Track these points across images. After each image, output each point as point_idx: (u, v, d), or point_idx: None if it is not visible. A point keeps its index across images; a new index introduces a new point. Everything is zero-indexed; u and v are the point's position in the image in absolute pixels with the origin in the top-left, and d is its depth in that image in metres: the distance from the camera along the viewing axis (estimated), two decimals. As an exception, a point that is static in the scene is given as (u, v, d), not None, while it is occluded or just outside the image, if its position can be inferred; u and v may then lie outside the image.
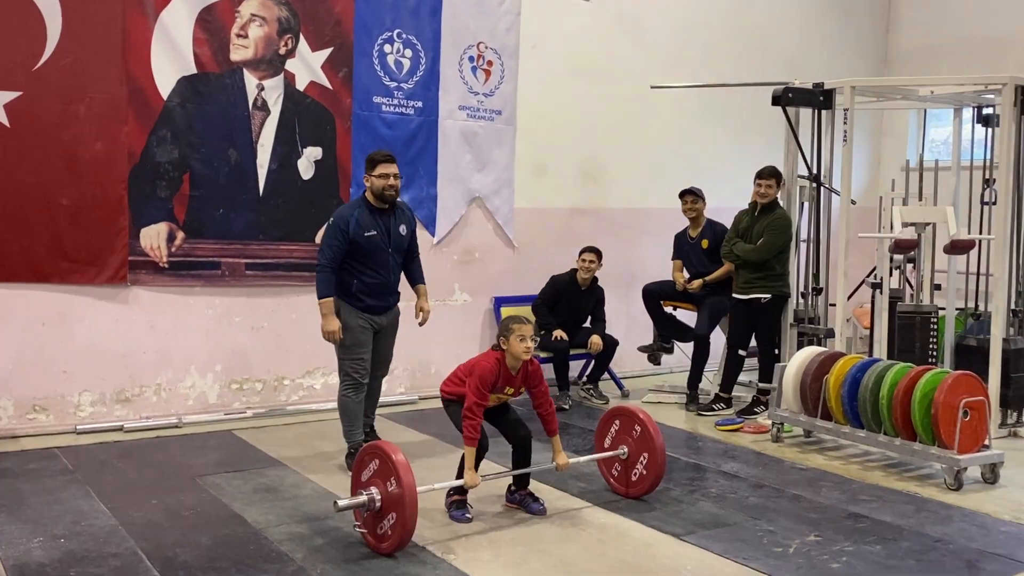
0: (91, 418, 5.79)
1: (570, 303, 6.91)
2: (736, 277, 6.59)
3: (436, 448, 5.49)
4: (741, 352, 6.58)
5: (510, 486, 4.49)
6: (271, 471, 5.03)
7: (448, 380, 4.43)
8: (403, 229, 5.11)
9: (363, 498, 3.87)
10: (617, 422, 4.73)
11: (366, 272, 4.98)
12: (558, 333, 6.69)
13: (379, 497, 3.85)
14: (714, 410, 6.58)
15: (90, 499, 4.47)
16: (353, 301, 5.00)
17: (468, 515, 4.26)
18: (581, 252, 6.90)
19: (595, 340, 6.74)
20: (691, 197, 6.97)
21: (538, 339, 4.46)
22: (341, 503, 3.91)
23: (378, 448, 3.93)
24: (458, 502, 4.32)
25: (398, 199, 5.06)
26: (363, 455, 4.02)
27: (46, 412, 5.68)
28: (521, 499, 4.43)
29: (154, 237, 5.92)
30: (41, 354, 5.65)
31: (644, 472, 4.56)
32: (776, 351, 6.57)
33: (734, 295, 6.59)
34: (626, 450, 4.64)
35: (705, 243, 6.95)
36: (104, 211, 5.74)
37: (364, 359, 5.06)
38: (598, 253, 6.89)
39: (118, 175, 5.77)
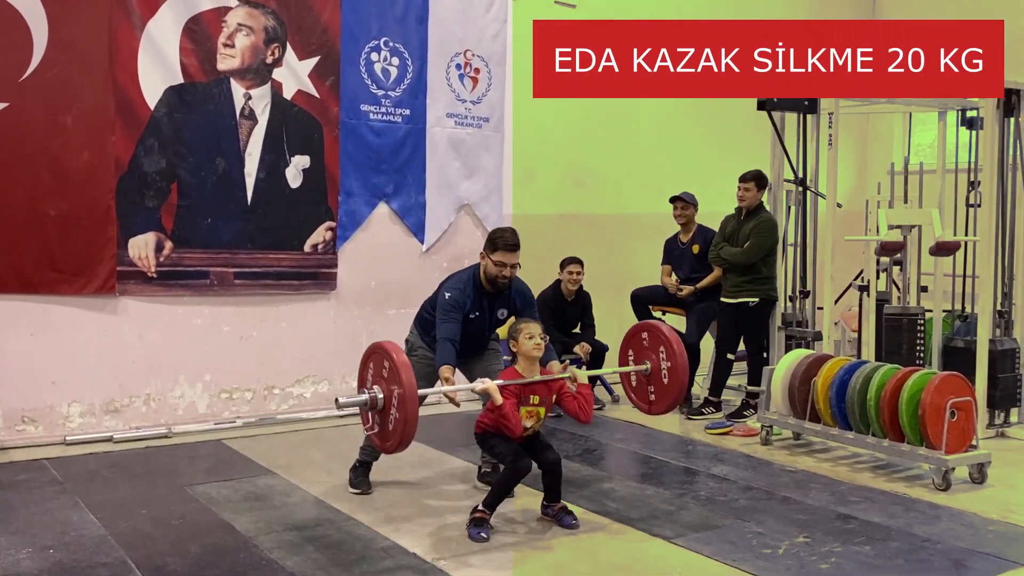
0: (80, 429, 5.77)
1: (560, 316, 6.92)
2: (724, 281, 6.62)
3: (426, 454, 5.49)
4: (729, 356, 6.60)
5: (544, 500, 4.40)
6: (261, 480, 5.02)
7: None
8: (502, 313, 4.80)
9: (364, 396, 3.91)
10: (631, 350, 4.75)
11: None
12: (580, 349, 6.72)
13: (381, 395, 3.86)
14: (703, 414, 6.59)
15: (79, 510, 4.45)
16: (427, 351, 4.74)
17: (484, 534, 4.09)
18: (566, 264, 6.88)
19: (583, 346, 6.76)
20: (681, 203, 7.00)
21: (547, 336, 4.42)
22: (342, 400, 3.95)
23: (379, 348, 3.92)
24: (478, 520, 4.16)
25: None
26: (366, 358, 4.03)
27: (35, 423, 5.66)
28: (554, 513, 4.34)
29: (142, 247, 5.92)
30: (29, 365, 5.62)
31: (669, 365, 4.54)
32: (764, 354, 6.60)
33: (722, 299, 6.61)
34: (649, 365, 4.62)
35: (696, 248, 6.97)
36: (92, 221, 5.73)
37: None
38: (582, 264, 6.90)
39: (106, 185, 5.76)
